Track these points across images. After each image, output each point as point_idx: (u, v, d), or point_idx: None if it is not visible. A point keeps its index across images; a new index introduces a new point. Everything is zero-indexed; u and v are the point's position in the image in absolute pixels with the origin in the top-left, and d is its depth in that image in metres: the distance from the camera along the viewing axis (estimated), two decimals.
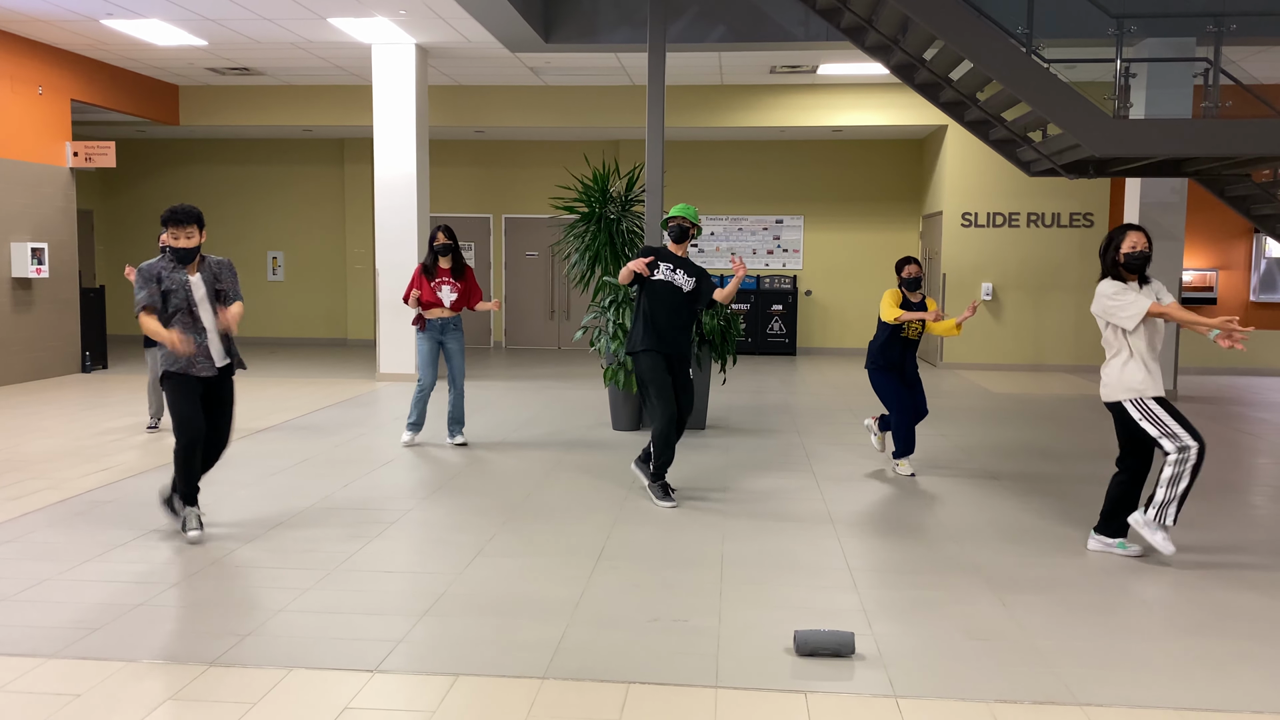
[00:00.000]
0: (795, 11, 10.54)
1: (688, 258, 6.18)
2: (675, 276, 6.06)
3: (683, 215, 6.15)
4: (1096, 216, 13.70)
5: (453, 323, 7.73)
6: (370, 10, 10.02)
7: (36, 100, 11.57)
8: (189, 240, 5.03)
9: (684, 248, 6.18)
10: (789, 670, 3.67)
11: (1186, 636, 4.06)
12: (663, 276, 6.06)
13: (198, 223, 5.04)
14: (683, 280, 6.08)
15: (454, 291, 7.64)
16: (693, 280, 6.11)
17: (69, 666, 3.63)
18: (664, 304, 6.05)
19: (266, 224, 16.83)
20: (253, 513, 5.78)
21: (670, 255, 6.15)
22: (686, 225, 6.14)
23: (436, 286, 7.61)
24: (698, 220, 6.20)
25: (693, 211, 6.18)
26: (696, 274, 6.14)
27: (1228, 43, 9.16)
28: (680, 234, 6.14)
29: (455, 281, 7.66)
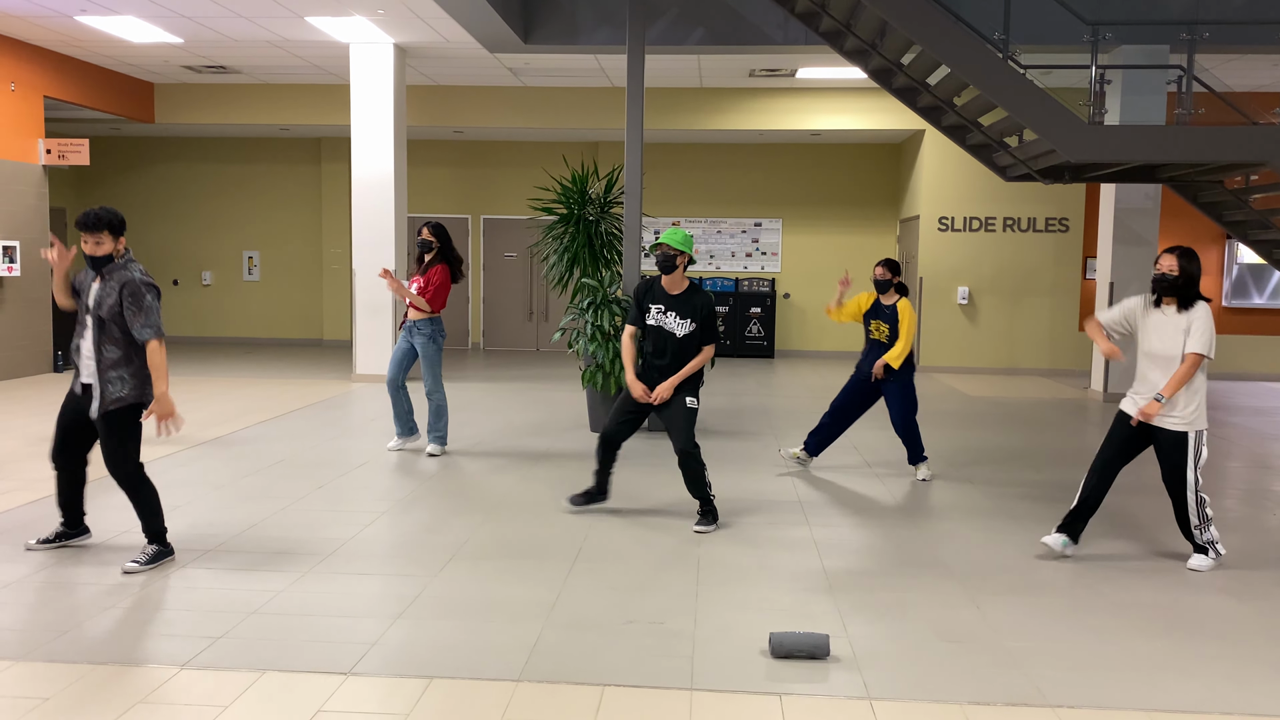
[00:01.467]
0: (774, 15, 10.58)
1: (689, 290, 5.52)
2: (666, 320, 5.48)
3: (667, 242, 5.43)
4: (1072, 221, 13.82)
5: (418, 326, 7.44)
6: (348, 9, 9.97)
7: (9, 96, 11.44)
8: (98, 247, 4.65)
9: (678, 279, 5.50)
10: (764, 672, 3.68)
11: (1157, 638, 4.10)
12: (653, 321, 5.52)
13: (109, 228, 4.65)
14: (674, 324, 5.47)
15: (416, 287, 7.43)
16: (688, 323, 5.46)
17: (37, 669, 3.58)
18: (655, 345, 5.57)
19: (242, 223, 16.71)
20: (226, 514, 5.74)
21: (661, 294, 5.53)
22: (672, 253, 5.43)
23: (411, 282, 7.56)
24: (687, 247, 5.45)
25: (682, 237, 5.46)
26: (694, 314, 5.47)
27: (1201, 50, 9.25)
28: (666, 263, 5.45)
29: (420, 279, 7.46)
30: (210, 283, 16.73)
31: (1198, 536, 5.03)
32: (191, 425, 8.57)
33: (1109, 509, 6.22)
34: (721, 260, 16.08)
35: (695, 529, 5.60)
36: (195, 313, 16.81)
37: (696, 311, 5.49)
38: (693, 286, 5.58)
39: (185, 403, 9.84)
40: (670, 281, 5.54)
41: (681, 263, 5.48)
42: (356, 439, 8.11)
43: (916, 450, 7.01)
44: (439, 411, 7.57)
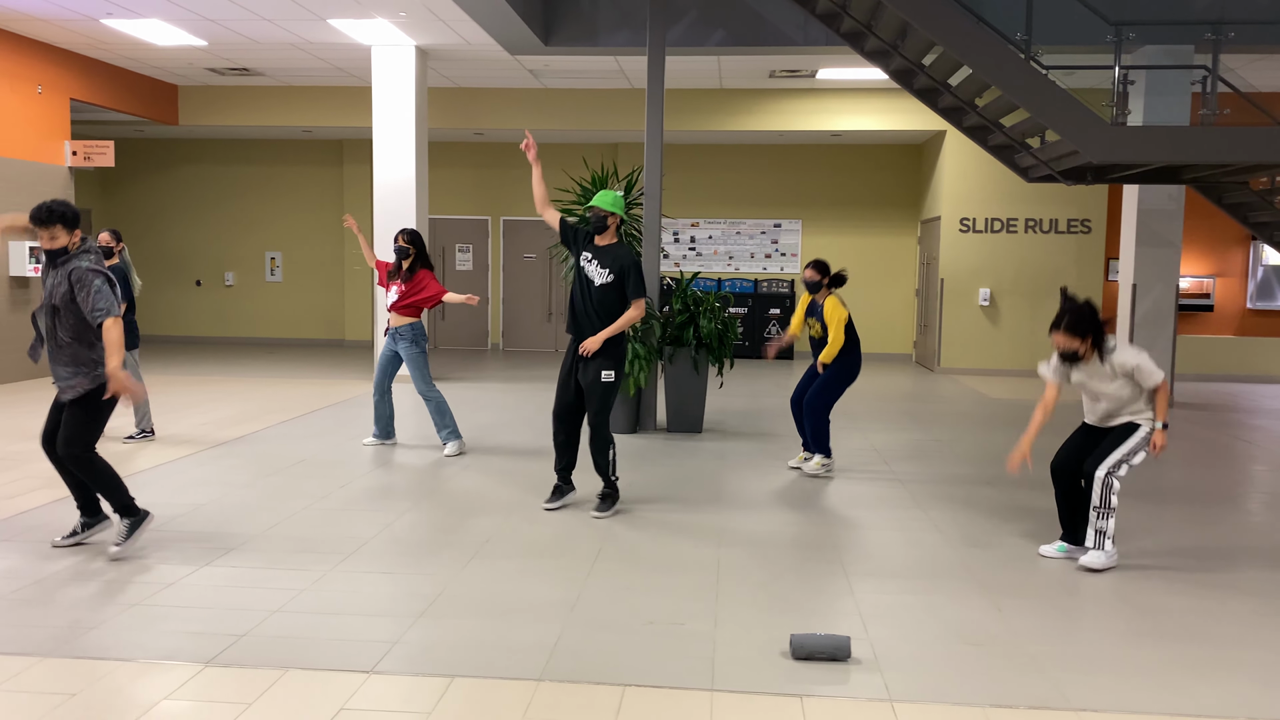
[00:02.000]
0: (794, 16, 10.56)
1: (613, 244, 5.79)
2: (589, 268, 5.76)
3: (598, 205, 5.74)
4: (1094, 223, 13.73)
5: (400, 331, 7.54)
6: (370, 12, 10.02)
7: (36, 99, 11.56)
8: (52, 241, 4.67)
9: (610, 236, 5.80)
10: (784, 674, 3.67)
11: (1181, 642, 4.07)
12: (583, 264, 5.80)
13: (62, 221, 4.65)
14: (594, 272, 5.74)
15: (397, 294, 7.52)
16: (606, 273, 5.72)
17: (65, 666, 3.63)
18: (579, 290, 5.81)
19: (265, 224, 16.83)
20: (248, 513, 5.78)
21: (590, 243, 5.84)
22: (603, 214, 5.74)
23: (388, 289, 7.65)
24: (618, 208, 5.76)
25: (612, 198, 5.74)
26: (613, 265, 5.72)
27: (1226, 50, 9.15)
28: (599, 224, 5.76)
29: (403, 285, 7.53)
30: (233, 283, 16.85)
31: (1092, 520, 4.98)
32: (214, 425, 8.64)
33: (1129, 515, 6.19)
34: (741, 261, 16.07)
35: (593, 514, 5.79)
36: (218, 313, 16.93)
37: (615, 262, 5.72)
38: (619, 242, 5.84)
39: (209, 402, 9.92)
40: (600, 237, 5.83)
41: (613, 223, 5.80)
42: (373, 444, 8.14)
43: (817, 440, 7.05)
44: (440, 409, 7.63)
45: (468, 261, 16.64)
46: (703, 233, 16.12)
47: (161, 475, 6.70)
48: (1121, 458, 4.97)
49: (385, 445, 7.92)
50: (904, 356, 15.90)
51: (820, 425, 7.06)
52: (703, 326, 8.58)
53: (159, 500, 6.02)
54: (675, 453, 7.87)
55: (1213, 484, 7.13)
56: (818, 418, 7.04)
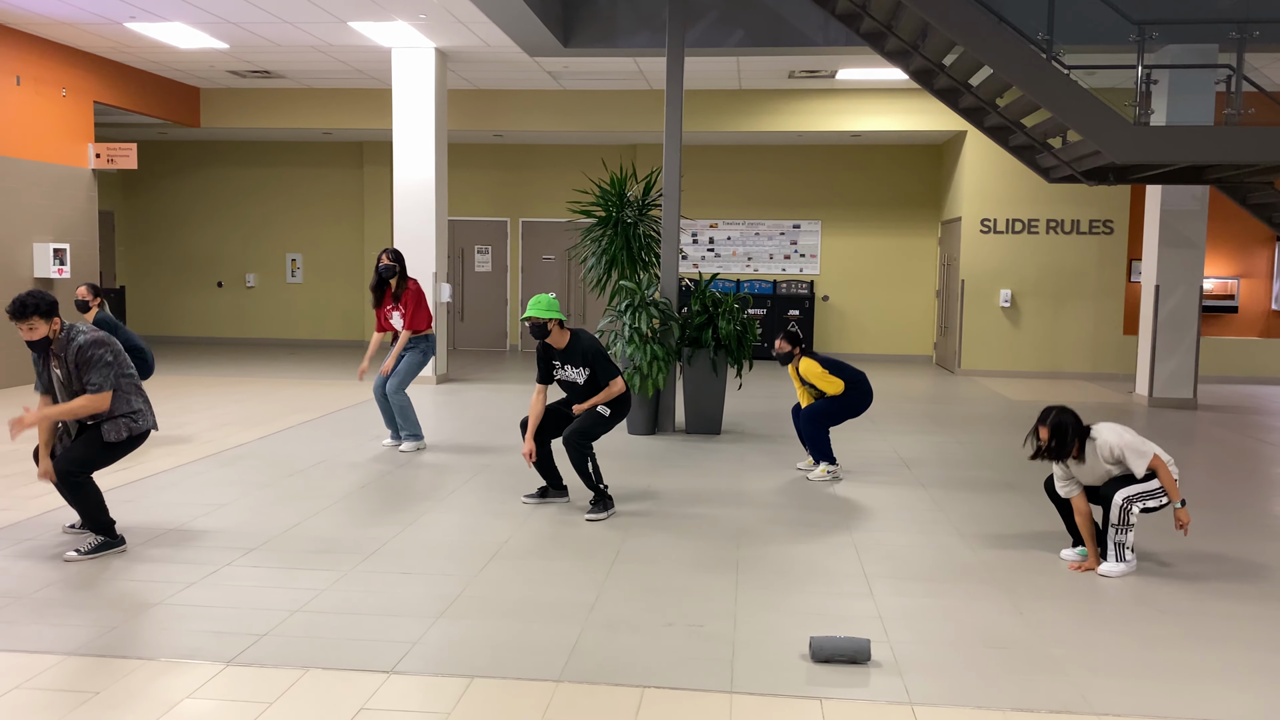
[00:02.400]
0: (814, 16, 10.54)
1: (571, 341, 5.89)
2: (566, 373, 5.96)
3: (533, 314, 5.79)
4: (1116, 224, 13.63)
5: (412, 342, 7.70)
6: (390, 14, 10.07)
7: (60, 102, 11.67)
8: (32, 333, 4.69)
9: (558, 335, 5.86)
10: (804, 676, 3.66)
11: (1206, 647, 4.03)
12: (559, 376, 5.99)
13: (38, 312, 4.66)
14: (573, 374, 5.94)
15: (402, 318, 7.67)
16: (585, 370, 5.91)
17: (88, 664, 3.65)
18: (567, 395, 6.06)
19: (286, 226, 16.93)
20: (269, 513, 5.81)
21: (555, 351, 5.95)
22: (541, 322, 5.79)
23: (388, 314, 7.71)
24: (554, 312, 5.81)
25: (546, 303, 5.80)
26: (582, 361, 5.90)
27: (1250, 49, 9.10)
28: (538, 331, 5.83)
29: (402, 306, 7.67)
30: (254, 285, 16.96)
31: (1110, 535, 4.91)
32: (235, 425, 8.69)
33: (1151, 518, 6.13)
34: (760, 263, 16.04)
35: (587, 517, 5.84)
36: (239, 314, 17.04)
37: (583, 358, 5.89)
38: (573, 336, 5.93)
39: (230, 403, 9.98)
40: (555, 339, 5.91)
41: (552, 327, 5.85)
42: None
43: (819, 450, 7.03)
44: (404, 412, 7.72)
45: (487, 263, 16.68)
46: (721, 234, 16.10)
47: (183, 476, 6.74)
48: (1142, 492, 4.85)
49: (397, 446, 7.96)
50: (924, 358, 15.83)
51: (818, 438, 7.02)
52: (721, 328, 8.57)
53: (180, 500, 6.07)
54: (694, 454, 7.86)
55: (1236, 487, 7.07)
56: (815, 433, 7.01)
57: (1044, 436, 4.93)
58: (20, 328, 4.70)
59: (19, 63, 10.99)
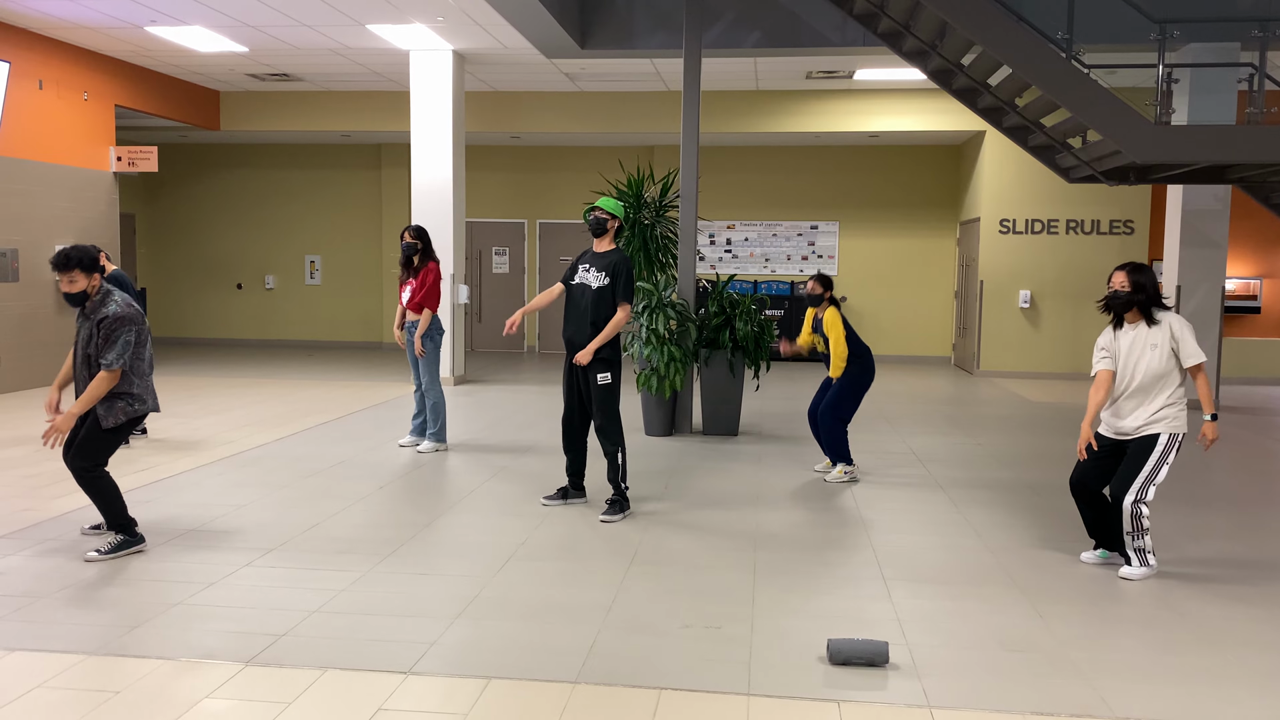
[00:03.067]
0: (832, 17, 10.51)
1: (612, 251, 5.93)
2: (587, 276, 5.92)
3: (601, 206, 5.93)
4: (1137, 224, 13.53)
5: (415, 326, 7.69)
6: (408, 17, 10.10)
7: (82, 106, 11.77)
8: (71, 285, 4.84)
9: (606, 241, 5.97)
10: (822, 679, 3.65)
11: (1225, 651, 3.99)
12: (577, 280, 5.96)
13: (79, 266, 4.81)
14: (592, 278, 5.89)
15: (411, 293, 7.66)
16: (603, 276, 5.87)
17: (109, 663, 3.68)
18: (573, 301, 5.96)
19: (304, 228, 17.01)
20: (288, 514, 5.84)
21: (590, 255, 5.98)
22: (604, 217, 5.92)
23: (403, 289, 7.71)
24: (619, 212, 5.98)
25: (615, 204, 5.96)
26: (607, 268, 5.88)
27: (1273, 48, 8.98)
28: (598, 226, 5.93)
29: (414, 281, 7.66)
30: (273, 286, 17.05)
31: (1128, 543, 4.85)
32: (254, 427, 8.74)
33: (1173, 520, 6.09)
34: (777, 264, 16.01)
35: (601, 518, 5.81)
36: (258, 316, 17.13)
37: (612, 267, 5.88)
38: (617, 249, 5.98)
39: (250, 404, 10.04)
40: (599, 244, 5.99)
41: (612, 227, 5.96)
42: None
43: (836, 451, 7.02)
44: (435, 410, 7.76)
45: (504, 264, 16.72)
46: (739, 235, 16.08)
47: (202, 476, 6.78)
48: (1145, 480, 4.79)
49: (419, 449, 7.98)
50: (943, 359, 15.76)
51: (836, 436, 6.99)
52: (739, 329, 8.56)
53: (200, 501, 6.11)
54: (711, 455, 7.85)
55: (1259, 490, 7.00)
56: (832, 430, 6.97)
57: (1122, 283, 4.80)
58: (61, 279, 4.87)
59: (41, 67, 11.09)
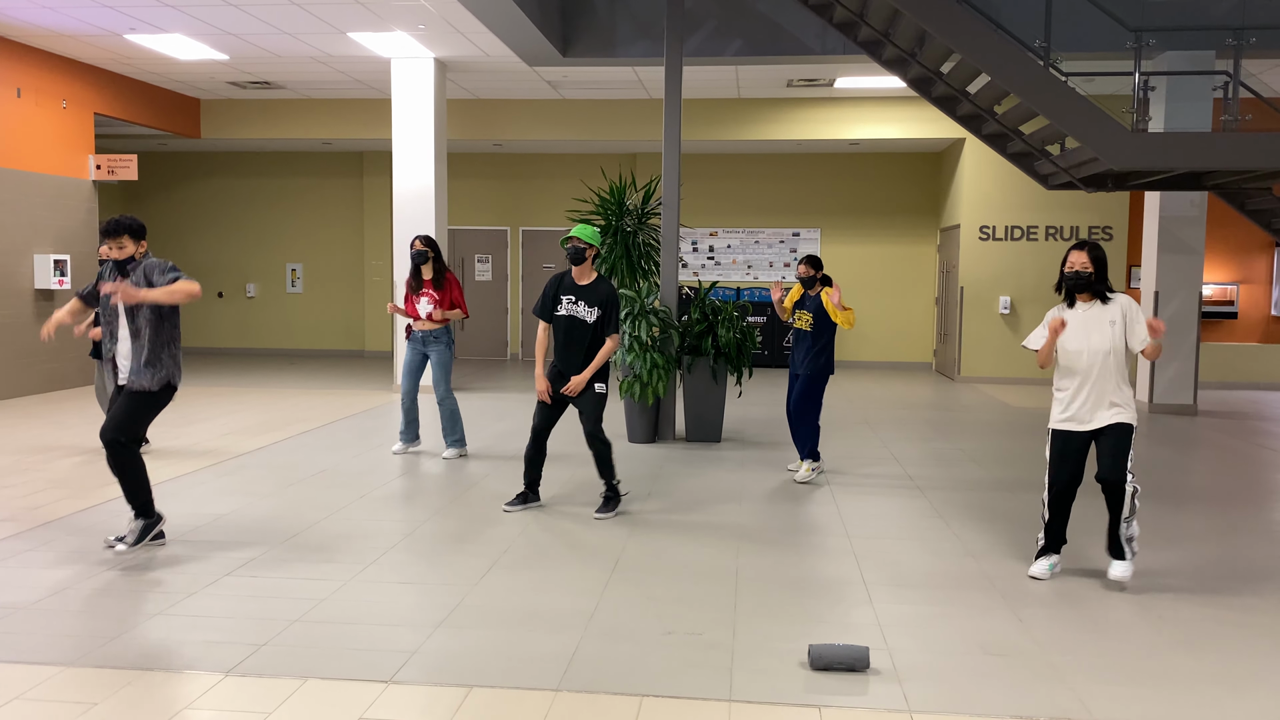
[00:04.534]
0: (812, 25, 10.56)
1: (595, 281, 6.00)
2: (576, 309, 5.97)
3: (578, 236, 5.96)
4: (1116, 230, 13.64)
5: (433, 335, 7.70)
6: (389, 25, 10.10)
7: (60, 114, 11.70)
8: (120, 250, 5.07)
9: (586, 270, 6.00)
10: (803, 684, 3.66)
11: (1206, 655, 4.02)
12: (565, 311, 5.99)
13: (129, 232, 5.05)
14: (584, 312, 5.97)
15: (431, 303, 7.65)
16: (595, 311, 5.96)
17: (87, 674, 3.65)
18: (565, 334, 6.01)
19: (286, 236, 16.95)
20: (268, 524, 5.81)
21: (571, 285, 6.01)
22: (582, 246, 5.95)
23: (416, 299, 7.69)
24: (596, 241, 6.01)
25: (591, 232, 6.00)
26: (599, 303, 5.96)
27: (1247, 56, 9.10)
28: (577, 256, 5.96)
29: (435, 293, 7.66)
30: (254, 295, 16.98)
31: (1122, 532, 4.79)
32: (236, 435, 8.70)
33: (1152, 523, 6.14)
34: (759, 270, 16.06)
35: (595, 515, 5.99)
36: (239, 324, 17.05)
37: (601, 300, 5.97)
38: (599, 277, 6.06)
39: (231, 412, 9.99)
40: (579, 273, 6.02)
41: (590, 255, 5.99)
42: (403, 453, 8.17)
43: (812, 446, 7.16)
44: (453, 416, 7.82)
45: (487, 272, 16.70)
46: (721, 242, 16.12)
47: (184, 485, 6.75)
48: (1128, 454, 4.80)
49: (411, 450, 8.05)
50: (924, 365, 15.84)
51: (814, 429, 7.18)
52: (721, 336, 8.58)
53: (182, 510, 6.07)
54: (694, 462, 7.86)
55: (1237, 493, 7.06)
56: (813, 424, 7.16)
57: (1079, 263, 4.81)
58: (110, 244, 5.06)
59: (20, 75, 11.02)
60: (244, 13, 9.66)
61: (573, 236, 5.98)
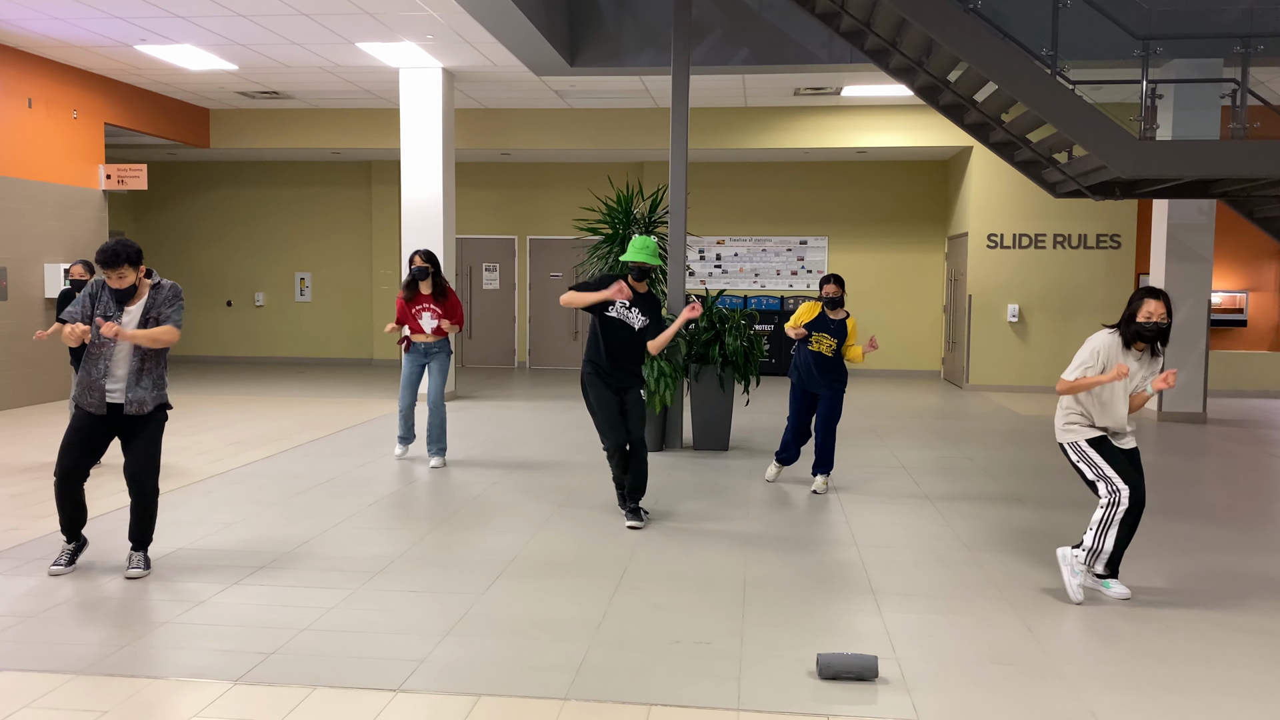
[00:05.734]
0: (818, 34, 10.58)
1: (650, 295, 6.19)
2: (629, 315, 6.09)
3: (647, 260, 6.10)
4: (1124, 238, 13.62)
5: (436, 346, 7.81)
6: (398, 35, 10.14)
7: (71, 124, 11.77)
8: (121, 280, 4.80)
9: (645, 285, 6.19)
10: (811, 694, 3.65)
11: (1215, 663, 4.01)
12: (614, 314, 6.09)
13: (128, 260, 4.76)
14: (636, 319, 6.11)
15: (435, 317, 7.73)
16: (645, 319, 6.13)
17: (96, 683, 3.66)
18: (616, 337, 6.10)
19: (294, 245, 17.01)
20: (278, 531, 5.82)
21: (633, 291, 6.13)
22: (649, 268, 6.13)
23: (418, 313, 7.71)
24: (659, 260, 6.20)
25: (653, 249, 6.13)
26: (650, 311, 6.15)
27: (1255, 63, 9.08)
28: (642, 275, 6.14)
29: (435, 307, 7.73)
30: (263, 304, 17.03)
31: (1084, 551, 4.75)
32: (244, 444, 8.72)
33: (1161, 533, 6.11)
34: (766, 279, 16.06)
35: (633, 525, 6.01)
36: (248, 333, 17.10)
37: (650, 309, 6.17)
38: (650, 290, 6.27)
39: (239, 421, 10.01)
40: (641, 284, 6.19)
41: (655, 274, 6.25)
42: (406, 458, 8.19)
43: (830, 460, 7.16)
44: (444, 424, 7.89)
45: (494, 280, 16.73)
46: (729, 250, 16.13)
47: (193, 494, 6.76)
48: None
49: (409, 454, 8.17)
50: (932, 373, 15.81)
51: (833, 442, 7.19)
52: (728, 344, 8.58)
53: (189, 519, 6.09)
54: (702, 470, 7.85)
55: (1246, 503, 7.03)
56: (834, 437, 7.15)
57: (1159, 313, 4.63)
58: (110, 275, 4.79)
59: (31, 85, 11.09)
60: (253, 23, 9.71)
61: (640, 261, 6.09)
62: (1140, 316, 4.68)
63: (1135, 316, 4.69)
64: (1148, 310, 4.66)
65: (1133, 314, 4.70)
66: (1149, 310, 4.66)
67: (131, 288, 4.87)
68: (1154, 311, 4.65)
